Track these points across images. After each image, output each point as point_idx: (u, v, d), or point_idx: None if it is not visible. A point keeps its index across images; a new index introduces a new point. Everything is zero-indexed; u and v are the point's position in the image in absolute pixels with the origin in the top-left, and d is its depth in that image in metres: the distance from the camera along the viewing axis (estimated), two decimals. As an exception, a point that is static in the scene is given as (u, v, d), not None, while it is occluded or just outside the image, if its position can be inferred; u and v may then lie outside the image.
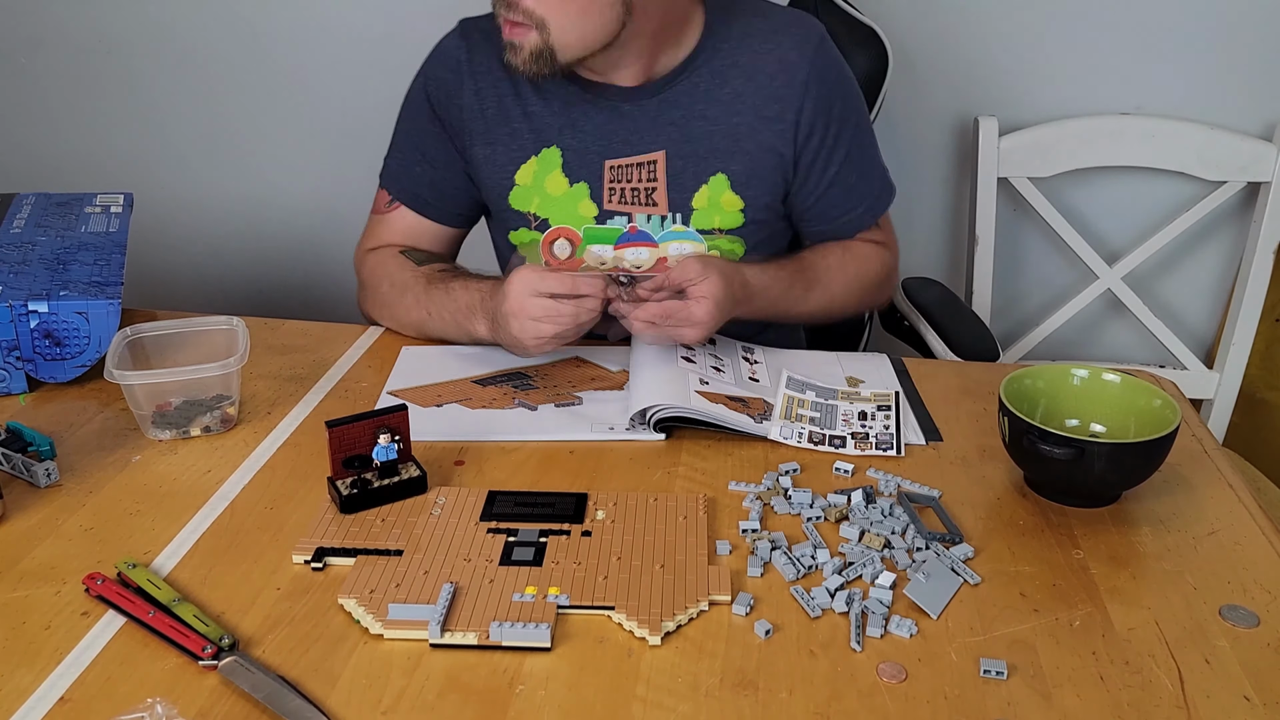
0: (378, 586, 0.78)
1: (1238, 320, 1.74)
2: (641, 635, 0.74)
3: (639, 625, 0.74)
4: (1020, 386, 0.94)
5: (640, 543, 0.84)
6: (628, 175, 1.15)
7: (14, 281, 1.08)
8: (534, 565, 0.81)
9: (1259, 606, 0.78)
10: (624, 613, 0.76)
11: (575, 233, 1.17)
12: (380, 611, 0.75)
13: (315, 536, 0.84)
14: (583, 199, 1.16)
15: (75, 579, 0.79)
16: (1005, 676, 0.71)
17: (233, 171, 2.03)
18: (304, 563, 0.81)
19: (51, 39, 1.97)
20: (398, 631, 0.74)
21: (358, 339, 1.21)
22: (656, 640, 0.73)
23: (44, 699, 0.68)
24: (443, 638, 0.73)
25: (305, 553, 0.82)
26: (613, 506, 0.88)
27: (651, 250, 1.17)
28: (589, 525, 0.86)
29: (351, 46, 1.89)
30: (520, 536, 0.85)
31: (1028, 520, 0.88)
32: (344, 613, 0.76)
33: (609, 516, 0.87)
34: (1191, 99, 1.72)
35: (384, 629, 0.74)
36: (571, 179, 1.16)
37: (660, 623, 0.74)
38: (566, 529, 0.85)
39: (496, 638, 0.73)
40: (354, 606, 0.76)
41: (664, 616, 0.75)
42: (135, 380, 0.95)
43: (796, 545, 0.84)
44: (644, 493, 0.91)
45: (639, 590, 0.78)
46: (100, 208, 1.26)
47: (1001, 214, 1.76)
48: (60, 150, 2.06)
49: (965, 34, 1.73)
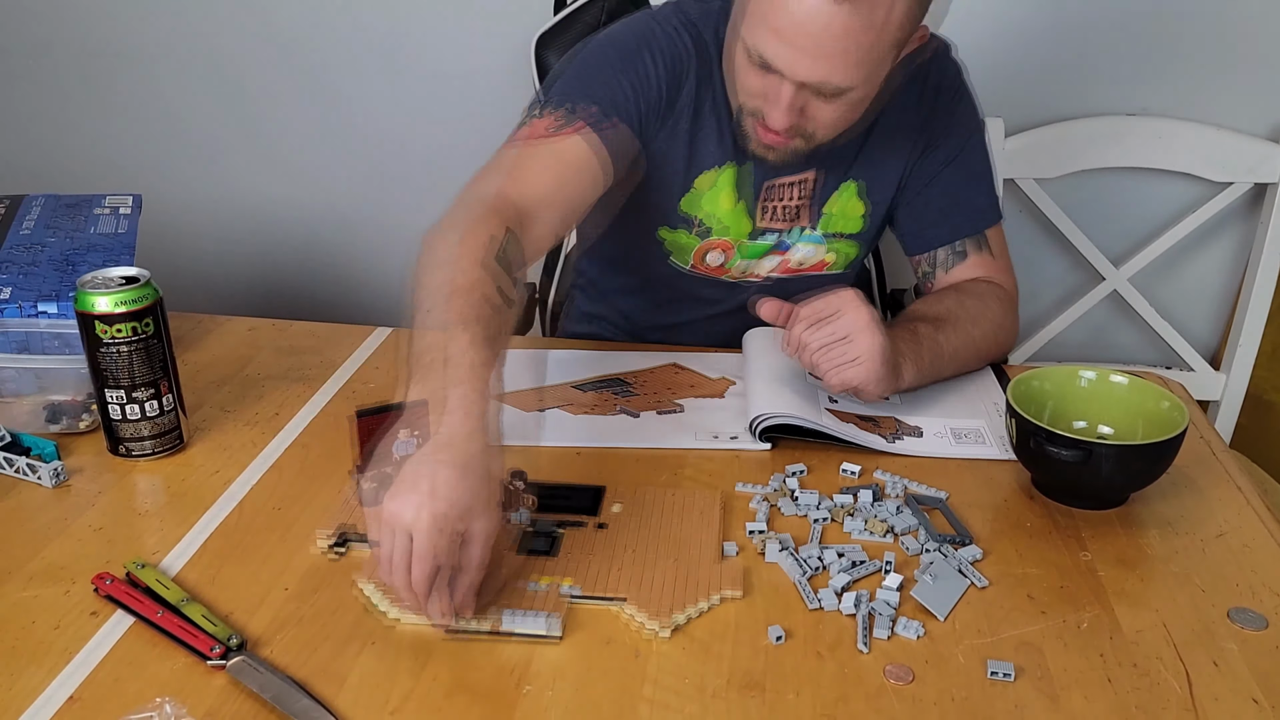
0: None
1: (1244, 322, 1.73)
2: (652, 628, 0.74)
3: (649, 618, 0.75)
4: (1027, 388, 0.94)
5: (655, 537, 0.85)
6: (782, 194, 1.17)
7: (24, 283, 1.08)
8: (549, 555, 0.82)
9: (1268, 609, 0.78)
10: (635, 605, 0.76)
11: (731, 246, 1.19)
12: (397, 598, 0.76)
13: (337, 520, 0.86)
14: (742, 216, 1.17)
15: (84, 579, 0.79)
16: (1013, 678, 0.71)
17: (241, 173, 2.04)
18: (327, 546, 0.83)
19: (60, 42, 1.98)
20: (412, 618, 0.75)
21: (365, 340, 1.21)
22: (666, 633, 0.74)
23: (53, 698, 0.69)
24: (456, 624, 0.74)
25: (327, 537, 0.83)
26: (630, 500, 0.90)
27: (780, 258, 1.20)
28: (605, 518, 0.87)
29: (361, 49, 1.90)
30: (538, 527, 0.86)
31: (1035, 522, 0.88)
32: (352, 612, 0.76)
33: (625, 510, 0.88)
34: (1198, 100, 1.71)
35: (399, 614, 0.75)
36: (739, 196, 1.17)
37: (670, 615, 0.75)
38: (583, 521, 0.87)
39: (509, 627, 0.74)
40: (371, 591, 0.77)
41: (674, 609, 0.76)
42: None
43: (803, 546, 0.84)
44: (661, 488, 0.92)
45: (651, 583, 0.79)
46: (109, 209, 1.26)
47: (1008, 215, 1.74)
48: (69, 152, 2.06)
49: (970, 36, 1.73)
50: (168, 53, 1.95)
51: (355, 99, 1.94)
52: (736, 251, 1.20)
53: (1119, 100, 1.73)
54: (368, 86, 1.92)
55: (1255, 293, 1.71)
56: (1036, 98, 1.74)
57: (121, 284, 0.92)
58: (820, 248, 1.20)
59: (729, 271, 1.21)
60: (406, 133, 1.94)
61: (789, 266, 1.21)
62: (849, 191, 1.18)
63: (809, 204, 1.18)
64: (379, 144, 1.97)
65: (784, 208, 1.17)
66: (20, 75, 2.01)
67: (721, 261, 1.20)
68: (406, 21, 1.86)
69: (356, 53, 1.90)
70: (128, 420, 0.94)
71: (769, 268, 1.22)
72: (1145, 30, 1.69)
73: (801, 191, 1.17)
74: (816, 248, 1.20)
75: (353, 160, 1.99)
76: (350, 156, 1.99)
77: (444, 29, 1.86)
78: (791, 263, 1.21)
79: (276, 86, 1.95)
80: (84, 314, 0.91)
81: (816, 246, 1.20)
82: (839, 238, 1.20)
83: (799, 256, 1.21)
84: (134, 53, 1.96)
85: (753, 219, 1.18)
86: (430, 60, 1.88)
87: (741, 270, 1.21)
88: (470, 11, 1.83)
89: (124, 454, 0.96)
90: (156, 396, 0.94)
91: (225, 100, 1.98)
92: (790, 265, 1.21)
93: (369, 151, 1.98)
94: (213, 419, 1.03)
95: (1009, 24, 1.72)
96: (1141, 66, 1.71)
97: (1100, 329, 1.89)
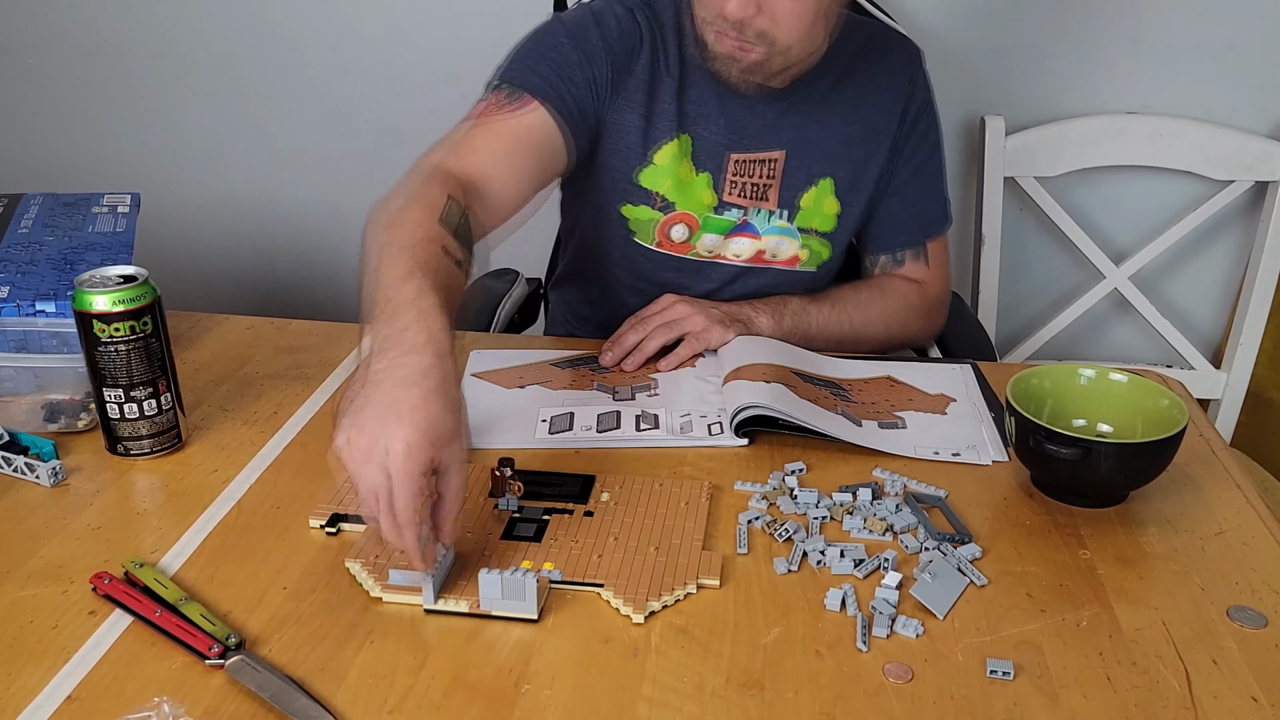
0: (383, 553, 0.81)
1: (1245, 320, 1.73)
2: (626, 613, 0.76)
3: (624, 603, 0.76)
4: (1027, 386, 0.94)
5: (639, 525, 0.86)
6: (748, 170, 1.18)
7: (22, 281, 1.08)
8: (533, 541, 0.84)
9: (1267, 607, 0.78)
10: (612, 590, 0.78)
11: (695, 219, 1.20)
12: (381, 576, 0.78)
13: (332, 505, 0.88)
14: (705, 188, 1.19)
15: (82, 578, 0.79)
16: (1012, 677, 0.71)
17: (239, 171, 2.04)
18: (319, 527, 0.85)
19: (58, 39, 1.98)
20: (395, 596, 0.77)
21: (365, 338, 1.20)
22: (640, 619, 0.75)
23: (51, 698, 0.68)
24: (436, 604, 0.76)
25: (321, 518, 0.86)
26: (619, 489, 0.91)
27: (753, 242, 1.21)
28: (592, 506, 0.89)
29: (359, 47, 1.90)
30: (525, 513, 0.87)
31: (1034, 520, 0.88)
32: (351, 610, 0.76)
33: (613, 499, 0.89)
34: (1198, 98, 1.71)
35: (383, 593, 0.77)
36: (698, 168, 1.18)
37: (645, 602, 0.76)
38: (570, 508, 0.88)
39: (486, 607, 0.75)
40: (358, 570, 0.79)
41: (650, 596, 0.77)
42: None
43: (806, 541, 0.84)
44: (651, 478, 0.93)
45: (630, 570, 0.80)
46: (107, 208, 1.26)
47: (1008, 213, 1.76)
48: (67, 150, 2.06)
49: (971, 33, 1.73)
50: (166, 51, 1.95)
51: (353, 97, 1.94)
52: (701, 225, 1.20)
53: (1120, 98, 1.73)
54: (366, 84, 1.92)
55: (1256, 291, 1.71)
56: (1037, 95, 1.74)
57: (119, 283, 0.92)
58: (794, 241, 1.21)
59: (694, 248, 1.21)
60: (405, 130, 1.93)
61: (762, 255, 1.22)
62: (825, 188, 1.20)
63: (776, 186, 1.19)
64: (377, 142, 1.96)
65: (750, 184, 1.18)
66: (19, 73, 2.01)
67: (686, 236, 1.21)
68: (407, 21, 1.86)
69: (354, 51, 1.90)
70: (126, 419, 0.94)
71: (739, 251, 1.22)
72: (1146, 28, 1.69)
73: (769, 170, 1.18)
74: (790, 241, 1.21)
75: (350, 158, 1.99)
76: (348, 154, 1.98)
77: (446, 30, 1.86)
78: (766, 252, 1.22)
79: (275, 85, 1.95)
80: (82, 313, 0.91)
81: (790, 240, 1.21)
82: (812, 234, 1.22)
83: (772, 246, 1.22)
84: (133, 51, 1.96)
85: (717, 192, 1.19)
86: (430, 59, 1.87)
87: (709, 248, 1.21)
88: (473, 13, 1.83)
89: (122, 453, 0.95)
90: (155, 395, 0.94)
91: (224, 99, 1.98)
92: (765, 255, 1.22)
93: (367, 149, 1.97)
94: (211, 418, 1.03)
95: (1009, 22, 1.71)
96: (1142, 64, 1.71)
97: (1101, 327, 1.89)
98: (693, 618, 0.76)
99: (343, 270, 2.08)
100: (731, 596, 0.78)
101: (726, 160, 1.18)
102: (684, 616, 0.76)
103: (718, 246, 1.22)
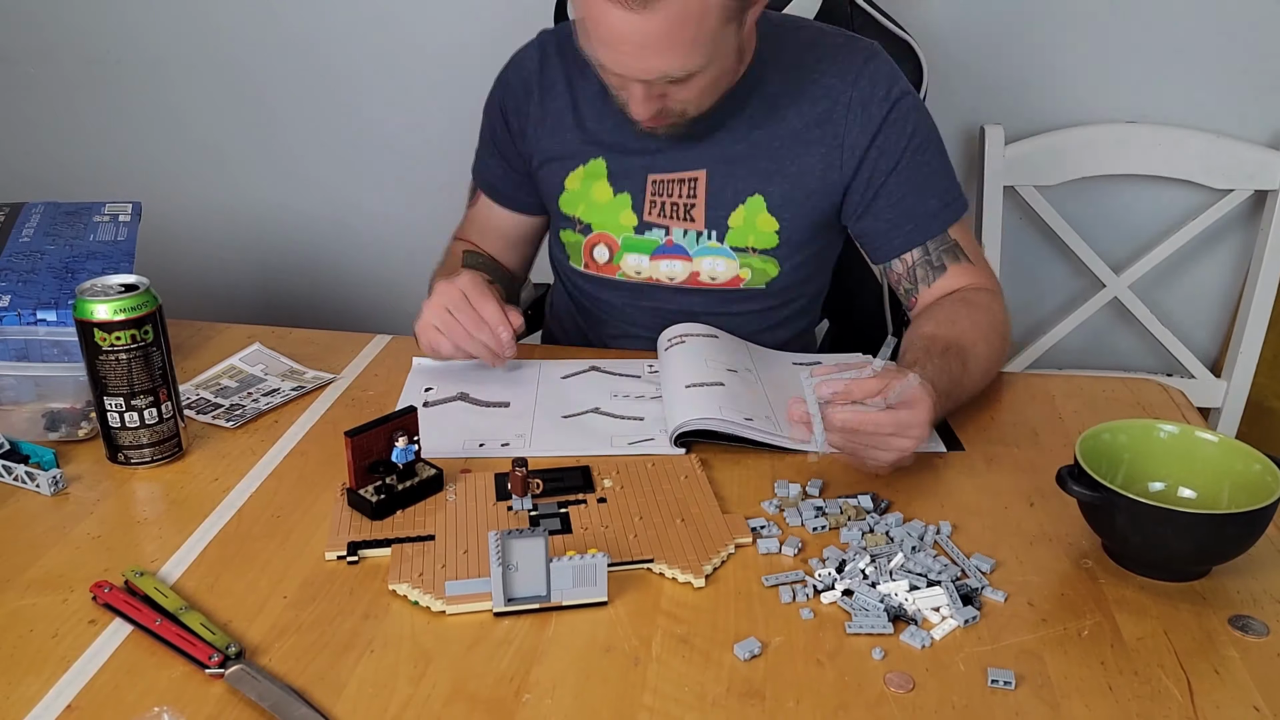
0: (424, 569, 0.81)
1: (1245, 328, 1.73)
2: (686, 579, 0.80)
3: (680, 572, 0.80)
4: (1097, 443, 0.85)
5: (655, 502, 0.90)
6: (669, 190, 1.17)
7: (23, 290, 1.09)
8: (565, 533, 0.86)
9: (1269, 616, 0.78)
10: (664, 562, 0.81)
11: (614, 240, 1.21)
12: (438, 591, 0.78)
13: (342, 534, 0.86)
14: (624, 209, 1.19)
15: (83, 587, 0.79)
16: (1013, 686, 0.70)
17: (240, 181, 2.04)
18: (338, 558, 0.83)
19: (61, 48, 1.98)
20: (460, 606, 0.77)
21: (364, 348, 1.21)
22: (701, 582, 0.79)
23: (51, 707, 0.68)
24: (506, 605, 0.76)
25: (338, 549, 0.84)
26: (616, 474, 0.94)
27: (685, 264, 1.20)
28: (602, 493, 0.91)
29: (362, 57, 1.90)
30: (541, 510, 0.89)
31: (1035, 530, 0.88)
32: (351, 620, 0.76)
33: (617, 484, 0.92)
34: (1198, 107, 1.72)
35: (446, 605, 0.77)
36: (615, 189, 1.19)
37: (701, 566, 0.80)
38: (583, 499, 0.90)
39: (558, 598, 0.76)
40: (409, 590, 0.78)
41: (701, 560, 0.81)
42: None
43: (803, 554, 0.84)
44: (640, 460, 0.96)
45: (669, 543, 0.84)
46: (109, 216, 1.27)
47: (1008, 222, 1.76)
48: (69, 159, 2.07)
49: (971, 43, 1.74)
50: (170, 60, 1.96)
51: (358, 106, 1.94)
52: (622, 245, 1.20)
53: (1119, 108, 1.74)
54: (371, 94, 1.93)
55: (1256, 299, 1.71)
56: (1037, 105, 1.74)
57: (121, 291, 0.92)
58: (732, 263, 1.19)
59: (620, 269, 1.22)
60: (409, 140, 1.95)
61: (699, 279, 1.20)
62: (755, 205, 1.16)
63: (701, 206, 1.17)
64: (380, 152, 1.97)
65: (670, 204, 1.17)
66: (23, 82, 2.02)
67: (608, 257, 1.22)
68: (414, 29, 1.87)
69: (361, 61, 1.91)
70: (127, 428, 0.94)
71: (673, 274, 1.20)
72: (1145, 38, 1.69)
73: (688, 190, 1.17)
74: (728, 263, 1.19)
75: (354, 168, 1.99)
76: (351, 164, 1.99)
77: (453, 42, 1.87)
78: (702, 275, 1.19)
79: (278, 94, 1.96)
80: (83, 321, 0.91)
81: (728, 262, 1.19)
82: (750, 253, 1.18)
83: (708, 268, 1.19)
84: (135, 60, 1.97)
85: (637, 213, 1.19)
86: (436, 69, 1.88)
87: (635, 269, 1.21)
88: (481, 21, 1.83)
89: (123, 462, 0.95)
90: (155, 404, 0.94)
91: (227, 108, 1.98)
92: (701, 278, 1.19)
93: (370, 159, 1.98)
94: (211, 426, 1.03)
95: (1009, 31, 1.72)
96: (1141, 74, 1.72)
97: (1101, 336, 1.89)
98: (693, 627, 0.76)
99: (343, 280, 2.09)
100: (732, 605, 0.78)
101: (646, 181, 1.17)
102: (685, 626, 0.76)
103: (645, 268, 1.20)
